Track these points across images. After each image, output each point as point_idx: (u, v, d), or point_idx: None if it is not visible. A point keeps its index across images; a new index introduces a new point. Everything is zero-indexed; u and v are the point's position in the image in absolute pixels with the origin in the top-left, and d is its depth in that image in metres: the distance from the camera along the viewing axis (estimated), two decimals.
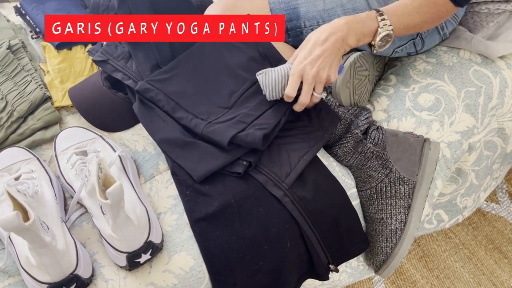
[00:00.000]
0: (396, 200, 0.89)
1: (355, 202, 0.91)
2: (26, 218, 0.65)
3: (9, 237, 0.74)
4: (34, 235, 0.63)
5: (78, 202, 0.83)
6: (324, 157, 0.91)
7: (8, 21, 1.16)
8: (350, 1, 0.96)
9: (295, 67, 0.81)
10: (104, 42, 1.01)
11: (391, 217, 0.89)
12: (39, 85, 0.98)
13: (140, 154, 0.91)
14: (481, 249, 1.27)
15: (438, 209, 1.09)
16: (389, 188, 0.89)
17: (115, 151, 0.86)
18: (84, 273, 0.73)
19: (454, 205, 1.09)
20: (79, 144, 0.87)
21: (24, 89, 0.97)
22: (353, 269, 0.98)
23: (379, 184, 0.89)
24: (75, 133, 0.89)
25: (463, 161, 1.02)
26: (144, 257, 0.74)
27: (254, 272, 0.79)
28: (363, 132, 0.92)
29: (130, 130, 0.95)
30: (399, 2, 0.84)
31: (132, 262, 0.73)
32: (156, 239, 0.76)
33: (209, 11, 1.01)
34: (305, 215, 0.81)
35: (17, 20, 1.18)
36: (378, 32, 0.81)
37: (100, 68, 0.98)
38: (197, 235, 0.79)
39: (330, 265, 0.85)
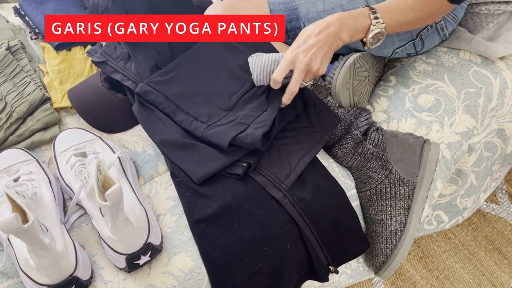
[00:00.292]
0: (396, 201, 0.88)
1: (355, 203, 0.91)
2: (25, 220, 0.65)
3: (8, 239, 0.74)
4: (33, 237, 0.63)
5: (77, 204, 0.83)
6: (323, 158, 0.91)
7: (7, 22, 1.15)
8: (350, 1, 0.96)
9: (288, 54, 0.81)
10: (104, 43, 1.00)
11: (391, 218, 0.89)
12: (38, 86, 0.97)
13: (140, 156, 0.91)
14: (481, 249, 1.27)
15: (438, 210, 1.09)
16: (389, 189, 0.88)
17: (114, 152, 0.86)
18: (83, 275, 0.73)
19: (454, 206, 1.09)
20: (78, 145, 0.87)
21: (23, 90, 0.96)
22: (352, 270, 0.98)
23: (379, 185, 0.89)
24: (74, 134, 0.89)
25: (463, 162, 1.02)
26: (144, 258, 0.74)
27: (253, 273, 0.79)
28: (363, 133, 0.91)
29: (129, 131, 0.95)
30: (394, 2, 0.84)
31: (132, 264, 0.73)
32: (155, 241, 0.76)
33: (209, 11, 1.01)
34: (305, 216, 0.81)
35: (16, 21, 1.18)
36: (371, 29, 0.81)
37: (99, 69, 0.98)
38: (197, 237, 0.79)
39: (329, 267, 0.85)
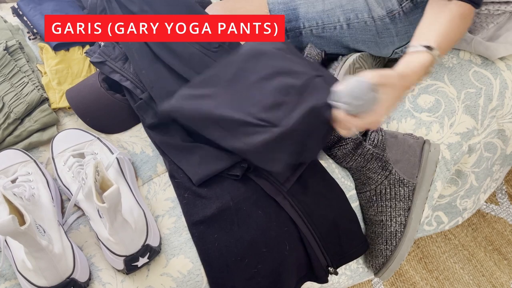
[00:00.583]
0: (396, 202, 0.88)
1: (355, 204, 0.91)
2: (22, 221, 0.64)
3: (5, 241, 0.74)
4: (30, 239, 0.63)
5: (75, 205, 0.83)
6: (323, 159, 0.90)
7: (5, 21, 1.15)
8: (349, 1, 0.95)
9: (373, 120, 0.70)
10: (102, 43, 1.00)
11: (390, 219, 0.88)
12: (36, 86, 0.97)
13: (138, 156, 0.90)
14: (480, 250, 1.27)
15: (438, 211, 1.09)
16: (388, 190, 0.88)
17: (112, 153, 0.85)
18: (81, 277, 0.73)
19: (453, 207, 1.09)
20: (76, 146, 0.87)
21: (21, 90, 0.96)
22: (352, 272, 0.97)
23: (379, 186, 0.88)
24: (73, 135, 0.88)
25: (463, 163, 1.01)
26: (142, 260, 0.73)
27: (252, 275, 0.78)
28: (363, 133, 0.91)
29: (128, 132, 0.94)
30: (442, 31, 0.75)
31: (130, 265, 0.73)
32: (154, 242, 0.75)
33: (208, 11, 1.01)
34: (304, 217, 0.81)
35: (15, 21, 1.17)
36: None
37: (98, 69, 0.97)
38: (195, 238, 0.79)
39: (329, 268, 0.85)
